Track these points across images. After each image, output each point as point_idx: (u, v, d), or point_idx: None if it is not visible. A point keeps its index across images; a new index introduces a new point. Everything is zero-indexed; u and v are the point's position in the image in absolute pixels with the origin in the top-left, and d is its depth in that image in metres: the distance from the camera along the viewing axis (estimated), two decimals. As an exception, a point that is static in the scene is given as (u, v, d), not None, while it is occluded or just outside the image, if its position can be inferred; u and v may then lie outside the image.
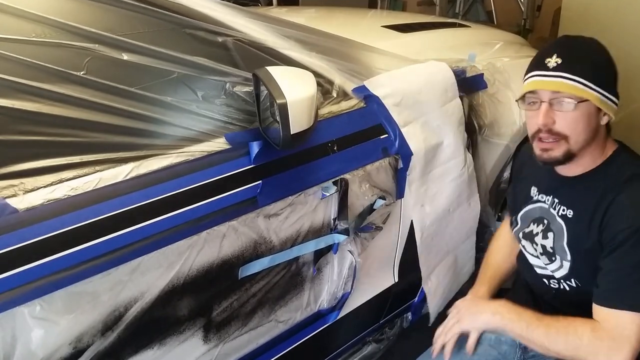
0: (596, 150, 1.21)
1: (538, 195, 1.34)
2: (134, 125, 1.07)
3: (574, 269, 1.26)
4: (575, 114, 1.14)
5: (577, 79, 1.13)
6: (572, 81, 1.13)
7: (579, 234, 1.23)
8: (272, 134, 1.14)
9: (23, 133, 0.96)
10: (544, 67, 1.16)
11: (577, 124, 1.15)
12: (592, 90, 1.13)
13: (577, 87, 1.13)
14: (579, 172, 1.23)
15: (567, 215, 1.25)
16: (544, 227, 1.30)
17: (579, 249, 1.23)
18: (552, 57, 1.15)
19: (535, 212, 1.34)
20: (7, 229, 0.85)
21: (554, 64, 1.15)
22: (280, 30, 1.47)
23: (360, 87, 1.44)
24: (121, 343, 1.02)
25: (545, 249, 1.30)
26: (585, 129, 1.15)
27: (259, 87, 1.13)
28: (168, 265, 1.05)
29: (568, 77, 1.13)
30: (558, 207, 1.27)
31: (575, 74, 1.13)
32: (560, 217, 1.26)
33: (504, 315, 1.23)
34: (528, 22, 4.57)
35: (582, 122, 1.15)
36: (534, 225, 1.33)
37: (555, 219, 1.27)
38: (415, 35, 2.12)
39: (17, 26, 1.09)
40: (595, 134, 1.18)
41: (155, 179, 1.03)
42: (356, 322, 1.59)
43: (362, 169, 1.38)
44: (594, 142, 1.19)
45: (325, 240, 1.36)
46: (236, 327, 1.23)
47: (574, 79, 1.13)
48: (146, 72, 1.15)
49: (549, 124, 1.15)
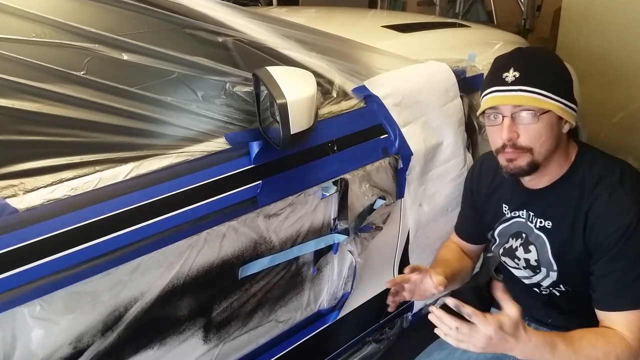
0: (561, 158, 1.21)
1: (511, 213, 1.33)
2: (134, 125, 1.07)
3: (562, 276, 1.26)
4: (538, 126, 1.13)
5: (537, 90, 1.12)
6: (532, 93, 1.12)
7: (562, 243, 1.22)
8: (272, 134, 1.14)
9: (23, 133, 0.96)
10: (502, 82, 1.15)
11: (540, 135, 1.14)
12: (552, 101, 1.13)
13: (538, 99, 1.12)
14: (547, 182, 1.23)
15: (545, 226, 1.24)
16: (522, 241, 1.30)
17: (564, 258, 1.23)
18: (509, 71, 1.14)
19: (513, 227, 1.33)
20: (7, 229, 0.85)
21: (512, 78, 1.13)
22: (280, 30, 1.47)
23: (360, 87, 1.44)
24: (121, 343, 1.02)
25: (529, 263, 1.29)
26: (549, 139, 1.15)
27: (259, 87, 1.13)
28: (168, 265, 1.05)
29: (528, 89, 1.12)
30: (535, 220, 1.27)
31: (534, 85, 1.12)
32: (538, 230, 1.26)
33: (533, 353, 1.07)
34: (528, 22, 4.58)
35: (545, 132, 1.14)
36: (512, 240, 1.33)
37: (534, 231, 1.27)
38: (415, 35, 2.12)
39: (17, 26, 1.09)
40: (558, 142, 1.18)
41: (155, 179, 1.03)
42: (356, 322, 1.59)
43: (362, 169, 1.38)
44: (558, 150, 1.19)
45: (325, 240, 1.36)
46: (236, 327, 1.23)
47: (534, 90, 1.12)
48: (146, 72, 1.15)
49: (513, 138, 1.15)
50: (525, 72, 1.13)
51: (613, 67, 3.10)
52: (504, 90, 1.14)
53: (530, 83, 1.13)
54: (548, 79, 1.14)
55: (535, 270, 1.29)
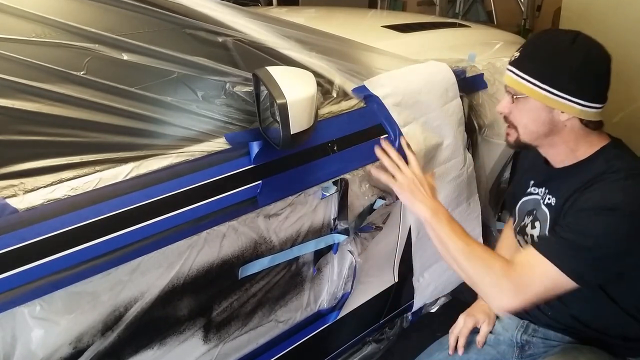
0: (571, 144, 1.23)
1: (532, 188, 1.36)
2: (134, 125, 1.07)
3: None
4: (519, 107, 1.21)
5: (521, 74, 1.19)
6: (516, 76, 1.20)
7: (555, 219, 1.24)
8: (272, 134, 1.14)
9: (23, 133, 0.96)
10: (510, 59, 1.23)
11: (521, 117, 1.22)
12: (534, 87, 1.17)
13: (518, 83, 1.19)
14: (565, 163, 1.26)
15: (551, 203, 1.27)
16: (532, 218, 1.33)
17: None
18: (517, 52, 1.22)
19: (529, 204, 1.36)
20: (7, 229, 0.85)
21: (512, 58, 1.22)
22: (280, 30, 1.47)
23: (360, 87, 1.44)
24: (121, 343, 1.02)
25: (533, 239, 1.31)
26: (532, 123, 1.21)
27: (259, 87, 1.13)
28: (168, 265, 1.05)
29: (515, 72, 1.20)
30: (545, 197, 1.29)
31: (520, 69, 1.19)
32: (545, 206, 1.29)
33: (438, 216, 1.23)
34: (528, 22, 4.58)
35: (529, 116, 1.20)
36: (527, 218, 1.35)
37: (541, 207, 1.30)
38: (416, 35, 2.12)
39: (17, 26, 1.09)
40: (550, 129, 1.21)
41: (155, 179, 1.03)
42: (356, 322, 1.59)
43: (362, 169, 1.38)
44: (557, 137, 1.22)
45: (325, 240, 1.36)
46: (236, 327, 1.23)
47: (518, 74, 1.19)
48: (146, 72, 1.15)
49: (504, 112, 1.25)
50: (524, 55, 1.21)
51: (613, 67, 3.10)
52: (507, 67, 1.23)
53: (520, 66, 1.20)
54: (541, 67, 1.18)
55: None
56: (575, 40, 1.18)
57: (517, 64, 1.21)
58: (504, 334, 1.41)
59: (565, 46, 1.18)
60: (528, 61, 1.19)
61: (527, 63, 1.19)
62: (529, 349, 1.37)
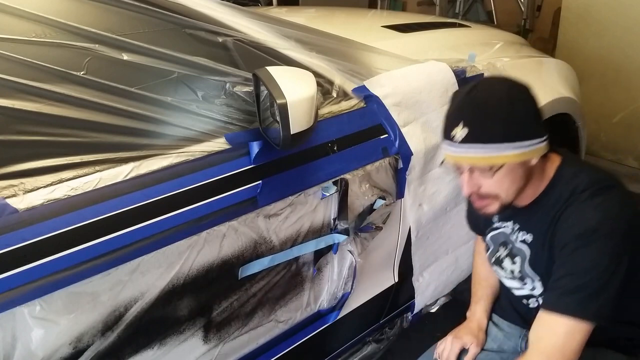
0: (536, 182, 1.19)
1: (499, 222, 1.33)
2: (134, 125, 1.07)
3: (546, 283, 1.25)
4: (497, 178, 1.12)
5: (490, 145, 1.08)
6: (482, 151, 1.08)
7: (538, 255, 1.22)
8: (272, 134, 1.14)
9: (23, 133, 0.96)
10: (452, 139, 1.11)
11: (502, 184, 1.13)
12: (506, 151, 1.09)
13: (489, 157, 1.09)
14: (529, 200, 1.21)
15: (526, 240, 1.25)
16: (508, 252, 1.30)
17: (541, 270, 1.23)
18: (458, 127, 1.09)
19: (500, 237, 1.34)
20: (7, 229, 0.85)
21: (460, 137, 1.09)
22: (280, 30, 1.47)
23: (360, 87, 1.44)
24: (121, 343, 1.02)
25: (514, 274, 1.30)
26: (513, 183, 1.14)
27: (259, 87, 1.13)
28: (168, 265, 1.05)
29: (480, 147, 1.08)
30: (518, 233, 1.27)
31: (486, 140, 1.08)
32: (521, 242, 1.26)
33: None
34: (528, 22, 4.58)
35: (508, 179, 1.12)
36: (501, 250, 1.33)
37: (516, 244, 1.27)
38: (415, 35, 2.12)
39: (17, 26, 1.09)
40: (528, 176, 1.15)
41: (156, 179, 1.03)
42: (356, 322, 1.59)
43: (362, 169, 1.38)
44: (530, 180, 1.17)
45: (325, 240, 1.36)
46: (236, 327, 1.23)
47: (487, 147, 1.08)
48: (146, 72, 1.15)
49: (474, 191, 1.15)
50: (474, 126, 1.08)
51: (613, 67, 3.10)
52: (456, 149, 1.11)
53: (480, 139, 1.08)
54: (500, 128, 1.08)
55: (522, 281, 1.30)
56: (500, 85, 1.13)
57: (475, 138, 1.08)
58: (507, 342, 1.40)
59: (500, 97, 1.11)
60: (484, 130, 1.09)
61: (488, 132, 1.08)
62: None
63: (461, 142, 1.09)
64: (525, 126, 1.11)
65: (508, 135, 1.09)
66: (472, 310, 1.46)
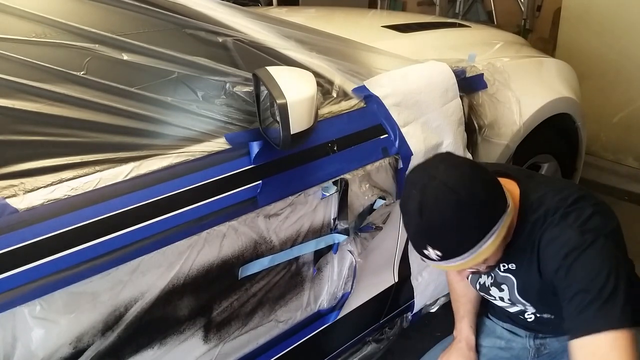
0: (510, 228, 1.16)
1: None
2: (134, 125, 1.07)
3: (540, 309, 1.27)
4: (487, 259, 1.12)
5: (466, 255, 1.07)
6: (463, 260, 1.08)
7: (527, 283, 1.22)
8: (272, 134, 1.14)
9: (23, 133, 0.96)
10: (428, 258, 1.10)
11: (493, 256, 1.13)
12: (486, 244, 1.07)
13: (473, 259, 1.08)
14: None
15: (510, 268, 1.25)
16: (492, 281, 1.30)
17: (532, 294, 1.23)
18: (428, 250, 1.08)
19: None
20: (7, 229, 0.85)
21: (436, 257, 1.08)
22: (280, 30, 1.47)
23: (360, 87, 1.44)
24: (121, 343, 1.02)
25: (504, 300, 1.31)
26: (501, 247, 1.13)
27: (259, 87, 1.13)
28: (168, 265, 1.05)
29: (458, 260, 1.08)
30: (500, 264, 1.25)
31: (460, 254, 1.07)
32: (505, 272, 1.26)
33: None
34: (528, 22, 4.58)
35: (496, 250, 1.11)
36: (484, 277, 1.32)
37: (499, 274, 1.27)
38: (415, 35, 2.12)
39: (17, 26, 1.10)
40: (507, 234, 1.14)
41: (156, 179, 1.03)
42: (356, 322, 1.59)
43: (362, 169, 1.38)
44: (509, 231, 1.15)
45: (325, 240, 1.36)
46: (236, 327, 1.23)
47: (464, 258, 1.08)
48: (146, 72, 1.15)
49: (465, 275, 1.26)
50: (444, 250, 1.07)
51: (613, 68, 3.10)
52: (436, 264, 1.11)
53: (454, 255, 1.08)
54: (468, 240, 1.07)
55: (512, 306, 1.31)
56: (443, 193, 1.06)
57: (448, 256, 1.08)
58: (516, 339, 1.40)
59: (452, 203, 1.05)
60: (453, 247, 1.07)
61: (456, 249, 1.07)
62: (545, 349, 1.38)
63: (440, 260, 1.09)
64: (488, 218, 1.08)
65: (478, 238, 1.07)
66: (458, 329, 1.45)
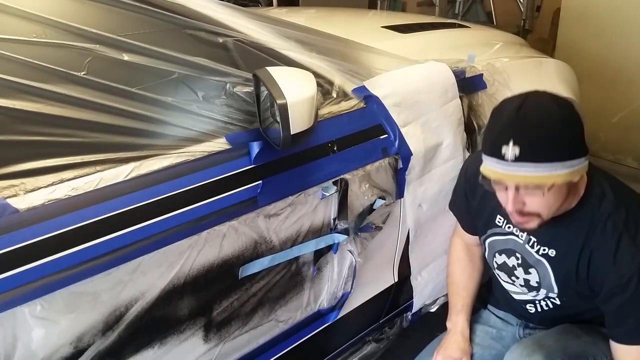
0: (570, 198, 1.17)
1: (506, 227, 1.30)
2: (134, 125, 1.07)
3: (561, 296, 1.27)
4: (545, 197, 1.09)
5: (542, 165, 1.04)
6: (537, 170, 1.05)
7: (567, 272, 1.21)
8: (272, 134, 1.14)
9: (24, 133, 0.96)
10: (502, 157, 1.06)
11: (548, 203, 1.11)
12: (559, 171, 1.05)
13: (543, 176, 1.05)
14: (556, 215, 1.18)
15: (549, 254, 1.23)
16: (520, 262, 1.29)
17: (569, 286, 1.23)
18: (508, 145, 1.05)
19: (508, 243, 1.31)
20: (8, 229, 0.85)
21: (512, 155, 1.04)
22: (280, 30, 1.47)
23: (360, 87, 1.44)
24: (122, 342, 1.02)
25: (529, 283, 1.29)
26: (556, 201, 1.12)
27: (259, 88, 1.14)
28: (168, 265, 1.05)
29: (532, 167, 1.04)
30: (537, 246, 1.25)
31: (539, 160, 1.04)
32: (540, 256, 1.24)
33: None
34: (527, 23, 4.58)
35: (553, 198, 1.10)
36: (506, 257, 1.32)
37: (533, 256, 1.25)
38: (415, 35, 2.12)
39: (18, 26, 1.10)
40: (568, 194, 1.14)
41: (156, 179, 1.03)
42: (356, 321, 1.59)
43: (362, 169, 1.38)
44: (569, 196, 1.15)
45: (325, 240, 1.36)
46: (236, 327, 1.23)
47: (539, 168, 1.04)
48: (147, 73, 1.15)
49: (519, 208, 1.11)
50: (527, 146, 1.04)
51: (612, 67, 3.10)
52: (505, 167, 1.07)
53: (533, 158, 1.04)
54: (553, 148, 1.05)
55: (533, 291, 1.30)
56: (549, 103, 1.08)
57: (528, 157, 1.04)
58: (507, 328, 1.41)
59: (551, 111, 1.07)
60: (536, 150, 1.04)
61: (541, 152, 1.04)
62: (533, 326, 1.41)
63: (514, 161, 1.05)
64: (575, 145, 1.08)
65: (560, 154, 1.05)
66: (454, 321, 1.45)
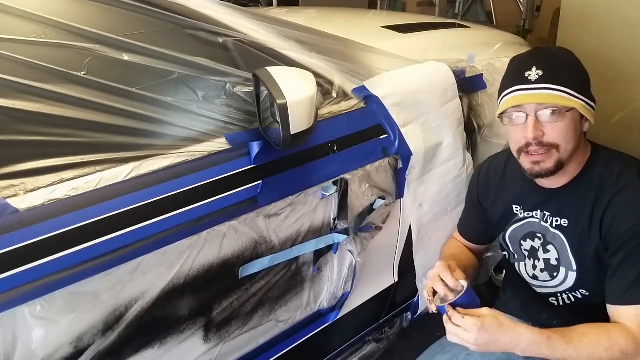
0: (579, 156, 1.22)
1: (524, 213, 1.33)
2: (134, 125, 1.07)
3: (581, 277, 1.26)
4: (564, 123, 1.15)
5: (562, 88, 1.14)
6: (557, 91, 1.13)
7: (580, 240, 1.22)
8: (272, 135, 1.14)
9: (24, 133, 0.96)
10: (525, 80, 1.15)
11: (566, 133, 1.15)
12: (575, 98, 1.15)
13: (563, 97, 1.13)
14: (565, 181, 1.24)
15: (562, 224, 1.25)
16: (541, 242, 1.30)
17: (584, 255, 1.23)
18: (531, 70, 1.15)
19: (526, 228, 1.33)
20: (8, 229, 0.85)
21: (535, 76, 1.14)
22: (280, 30, 1.47)
23: (360, 87, 1.44)
24: (122, 342, 1.02)
25: (549, 263, 1.29)
26: (574, 136, 1.17)
27: (259, 88, 1.14)
28: (168, 265, 1.05)
29: (553, 87, 1.13)
30: (550, 219, 1.27)
31: (559, 83, 1.14)
32: (555, 228, 1.26)
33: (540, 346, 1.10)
34: (527, 23, 4.59)
35: (571, 130, 1.16)
36: (531, 241, 1.32)
37: (549, 230, 1.27)
38: (415, 35, 2.12)
39: (18, 26, 1.10)
40: (580, 140, 1.20)
41: (156, 179, 1.03)
42: (356, 321, 1.59)
43: (362, 169, 1.38)
44: (579, 148, 1.21)
45: (325, 240, 1.36)
46: (236, 327, 1.23)
47: (559, 89, 1.13)
48: (147, 73, 1.15)
49: (539, 136, 1.15)
50: (548, 70, 1.14)
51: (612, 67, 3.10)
52: (528, 88, 1.15)
53: (554, 81, 1.13)
54: (571, 77, 1.16)
55: (553, 274, 1.29)
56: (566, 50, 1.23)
57: (550, 79, 1.14)
58: None
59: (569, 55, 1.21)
60: (557, 75, 1.15)
61: (561, 76, 1.14)
62: None
63: (536, 82, 1.14)
64: (587, 86, 1.19)
65: (579, 86, 1.15)
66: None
